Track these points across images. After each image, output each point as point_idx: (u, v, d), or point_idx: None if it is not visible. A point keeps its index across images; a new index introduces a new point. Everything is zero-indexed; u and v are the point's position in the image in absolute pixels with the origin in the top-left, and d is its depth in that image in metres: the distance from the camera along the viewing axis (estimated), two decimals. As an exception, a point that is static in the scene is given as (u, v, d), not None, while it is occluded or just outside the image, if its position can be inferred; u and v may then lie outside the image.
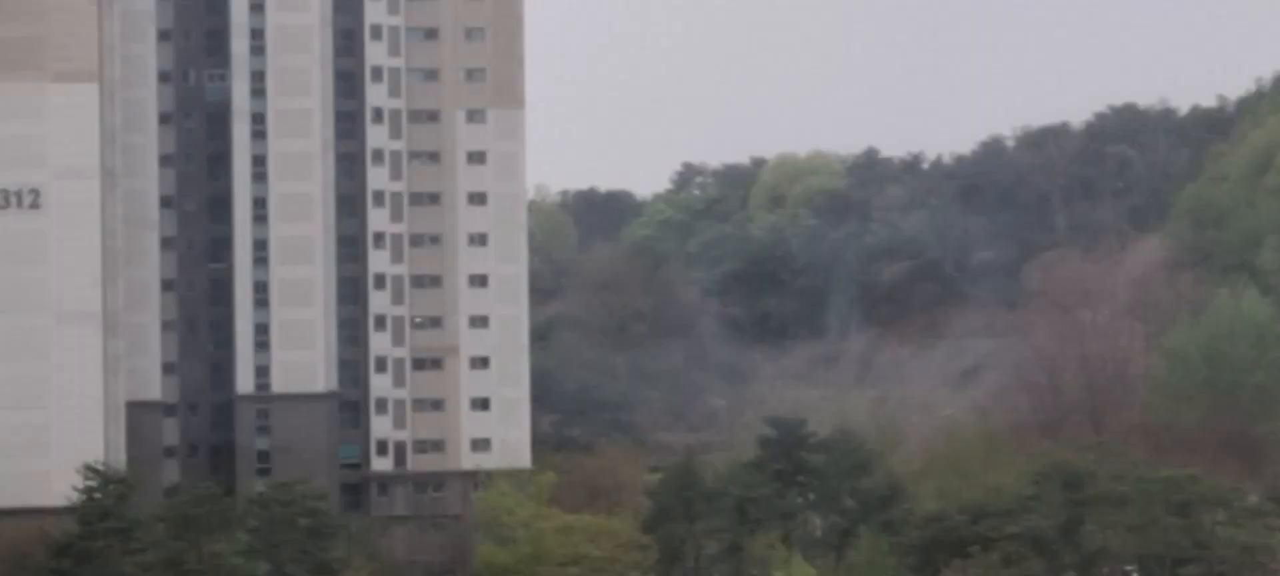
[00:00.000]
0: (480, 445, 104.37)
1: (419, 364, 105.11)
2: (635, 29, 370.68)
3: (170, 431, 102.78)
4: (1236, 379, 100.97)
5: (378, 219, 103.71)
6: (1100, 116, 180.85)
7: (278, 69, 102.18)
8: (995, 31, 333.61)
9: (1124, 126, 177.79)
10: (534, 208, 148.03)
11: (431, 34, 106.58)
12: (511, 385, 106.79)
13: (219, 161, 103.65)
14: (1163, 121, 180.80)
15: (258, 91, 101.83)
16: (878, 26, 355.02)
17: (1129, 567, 72.94)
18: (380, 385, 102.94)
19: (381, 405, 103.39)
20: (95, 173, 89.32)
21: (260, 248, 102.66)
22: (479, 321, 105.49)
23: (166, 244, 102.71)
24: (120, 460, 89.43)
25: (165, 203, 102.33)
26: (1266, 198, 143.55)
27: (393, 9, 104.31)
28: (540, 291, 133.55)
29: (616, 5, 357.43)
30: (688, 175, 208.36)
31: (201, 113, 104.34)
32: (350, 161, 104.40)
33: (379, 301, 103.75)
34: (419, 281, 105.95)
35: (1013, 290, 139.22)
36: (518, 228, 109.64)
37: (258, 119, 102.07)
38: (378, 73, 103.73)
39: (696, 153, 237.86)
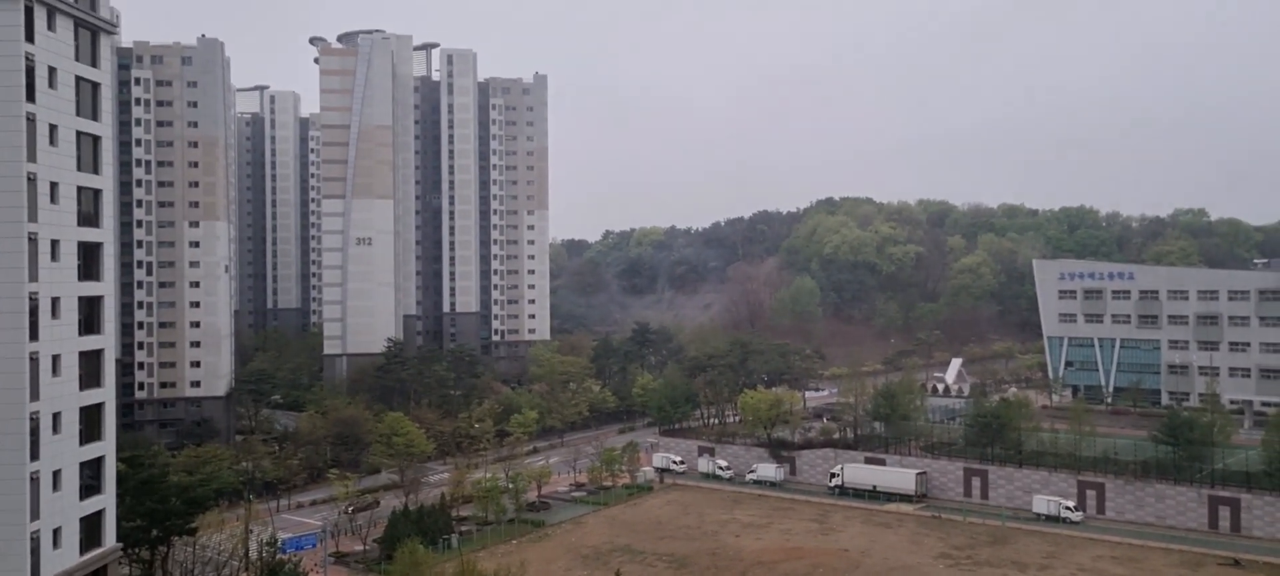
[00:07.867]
0: (532, 330, 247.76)
1: (510, 301, 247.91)
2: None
3: (417, 326, 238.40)
4: (803, 310, 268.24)
5: (496, 253, 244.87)
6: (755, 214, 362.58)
7: (460, 182, 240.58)
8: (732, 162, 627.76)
9: (767, 219, 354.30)
10: (552, 247, 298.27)
11: (513, 168, 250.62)
12: (543, 309, 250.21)
13: (437, 218, 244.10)
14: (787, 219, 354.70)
15: (451, 198, 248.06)
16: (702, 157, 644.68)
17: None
18: (495, 310, 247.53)
19: (497, 316, 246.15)
20: (391, 232, 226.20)
21: (450, 249, 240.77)
22: (532, 288, 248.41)
23: (419, 253, 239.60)
24: (400, 335, 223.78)
25: (418, 244, 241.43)
26: (809, 244, 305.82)
27: (499, 169, 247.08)
28: (554, 276, 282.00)
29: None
30: (609, 234, 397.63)
31: (430, 210, 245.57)
32: (483, 227, 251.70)
33: (497, 283, 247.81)
34: (512, 274, 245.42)
35: (724, 276, 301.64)
36: (546, 257, 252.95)
37: (450, 215, 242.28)
38: (494, 196, 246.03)
39: (610, 225, 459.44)
